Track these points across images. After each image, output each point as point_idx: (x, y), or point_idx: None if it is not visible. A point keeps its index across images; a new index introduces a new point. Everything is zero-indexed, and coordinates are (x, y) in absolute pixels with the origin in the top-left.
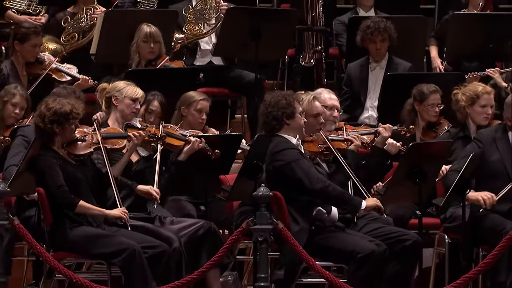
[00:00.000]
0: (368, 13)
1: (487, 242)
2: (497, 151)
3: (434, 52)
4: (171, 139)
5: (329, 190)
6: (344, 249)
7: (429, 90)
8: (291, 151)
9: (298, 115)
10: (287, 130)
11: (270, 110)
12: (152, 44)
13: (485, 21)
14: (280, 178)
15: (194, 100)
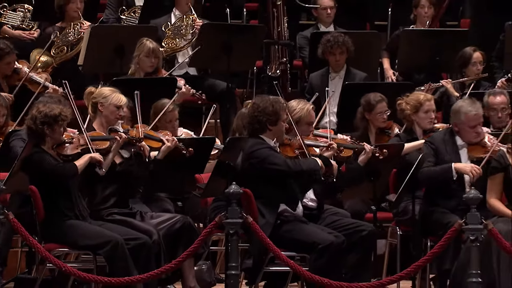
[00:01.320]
0: (328, 28)
1: (434, 234)
2: (446, 152)
3: (386, 64)
4: (149, 141)
5: (304, 168)
6: (306, 241)
7: (375, 100)
8: (264, 149)
9: (281, 122)
10: (268, 134)
11: (256, 114)
12: (153, 59)
13: (432, 36)
14: (256, 174)
15: (167, 111)
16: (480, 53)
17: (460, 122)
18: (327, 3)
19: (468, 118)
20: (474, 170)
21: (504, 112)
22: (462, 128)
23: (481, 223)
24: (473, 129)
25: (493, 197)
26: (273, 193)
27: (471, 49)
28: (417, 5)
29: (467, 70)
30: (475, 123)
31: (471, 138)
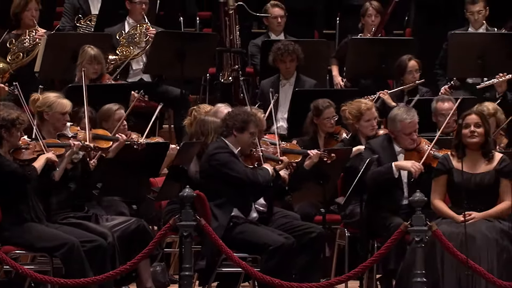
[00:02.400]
0: (278, 37)
1: (380, 235)
2: (385, 159)
3: (335, 71)
4: (100, 142)
5: (261, 179)
6: (257, 242)
7: (323, 106)
8: (225, 154)
9: (248, 133)
10: (232, 140)
11: (227, 118)
12: (95, 65)
13: (379, 44)
14: (214, 176)
15: (112, 112)
16: (416, 61)
17: (396, 130)
18: (277, 12)
19: (403, 126)
20: (414, 166)
21: (452, 118)
22: (398, 135)
23: (425, 225)
24: (408, 136)
25: (437, 199)
26: (227, 198)
27: (407, 58)
28: (364, 14)
29: (404, 78)
30: (410, 130)
31: (407, 145)
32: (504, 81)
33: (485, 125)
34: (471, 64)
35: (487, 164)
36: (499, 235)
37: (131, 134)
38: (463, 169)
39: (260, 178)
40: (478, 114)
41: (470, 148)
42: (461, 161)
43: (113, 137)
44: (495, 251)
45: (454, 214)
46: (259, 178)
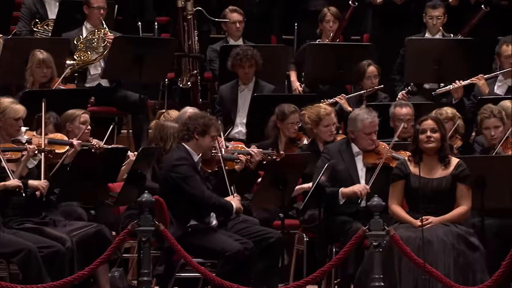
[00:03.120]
0: (237, 42)
1: (338, 240)
2: (342, 161)
3: (293, 76)
4: (56, 146)
5: (216, 203)
6: (215, 248)
7: (289, 111)
8: (187, 167)
9: (209, 137)
10: (194, 145)
11: (187, 122)
12: (44, 69)
13: (337, 50)
14: (173, 186)
15: (77, 115)
16: (375, 67)
17: (356, 129)
18: (236, 17)
19: (364, 125)
20: (360, 189)
21: (410, 123)
22: (358, 135)
23: (383, 229)
24: (368, 136)
25: (394, 204)
26: (185, 209)
27: (366, 64)
28: (322, 19)
29: (362, 83)
30: (370, 130)
31: (366, 145)
32: (460, 87)
33: (441, 130)
34: (427, 70)
35: (444, 169)
36: (456, 240)
37: (92, 140)
38: (420, 174)
39: (217, 202)
40: (434, 119)
41: (427, 153)
42: (418, 166)
43: (68, 141)
44: (451, 256)
45: (411, 219)
46: (216, 202)
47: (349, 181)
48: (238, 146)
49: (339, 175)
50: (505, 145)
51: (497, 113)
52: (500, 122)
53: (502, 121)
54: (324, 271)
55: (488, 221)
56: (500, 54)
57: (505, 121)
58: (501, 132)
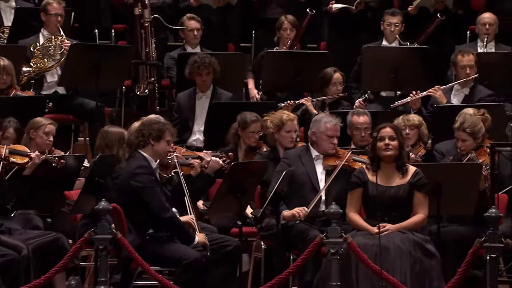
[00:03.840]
0: (194, 49)
1: (295, 248)
2: (302, 165)
3: (251, 84)
4: (15, 156)
5: (173, 221)
6: (173, 256)
7: (251, 119)
8: (148, 176)
9: (164, 141)
10: (150, 151)
11: (141, 128)
12: (4, 76)
13: (294, 58)
14: (132, 194)
15: (42, 124)
16: (340, 73)
17: (319, 131)
18: (193, 25)
19: (327, 127)
20: (297, 212)
21: (367, 132)
22: (320, 137)
23: (341, 237)
24: (330, 139)
25: (352, 212)
26: (143, 218)
27: (331, 70)
28: (280, 27)
29: (327, 89)
30: (333, 134)
31: (327, 149)
32: (418, 99)
33: (399, 138)
34: (384, 78)
35: (401, 177)
36: (413, 247)
37: (54, 151)
38: (377, 182)
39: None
40: (392, 127)
41: (385, 161)
42: (376, 174)
43: (28, 153)
44: (408, 263)
45: (368, 226)
46: (167, 215)
47: (309, 185)
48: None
49: (299, 178)
50: (479, 152)
51: (467, 127)
52: (469, 137)
53: (472, 136)
54: (282, 279)
55: (445, 228)
56: (456, 63)
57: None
58: (470, 146)
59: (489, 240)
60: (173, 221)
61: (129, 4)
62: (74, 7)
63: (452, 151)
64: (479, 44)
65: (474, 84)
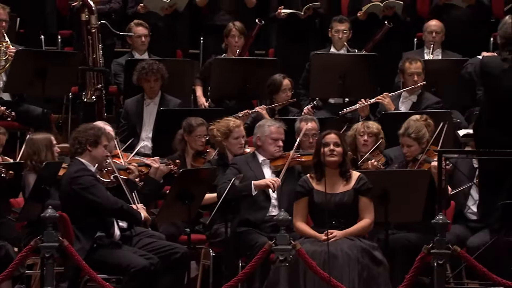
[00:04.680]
0: (142, 56)
1: (244, 255)
2: (250, 170)
3: (199, 91)
4: None
5: (124, 209)
6: (120, 264)
7: (196, 123)
8: (88, 177)
9: (101, 147)
10: (88, 157)
11: (77, 135)
12: None
13: (242, 65)
14: (76, 199)
15: None
16: (289, 80)
17: (263, 135)
18: (141, 31)
19: (271, 131)
20: (271, 181)
21: (315, 138)
22: (265, 141)
23: (289, 244)
24: (275, 142)
25: (299, 221)
26: (90, 221)
27: (280, 77)
28: (228, 34)
29: (277, 96)
30: (277, 136)
31: (273, 152)
32: (366, 106)
33: (343, 145)
34: (332, 85)
35: (346, 184)
36: (360, 254)
37: (2, 158)
38: (322, 189)
39: (124, 206)
40: (337, 133)
41: (329, 167)
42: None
43: None
44: (356, 269)
45: (316, 234)
46: (120, 204)
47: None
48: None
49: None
50: (428, 154)
51: (411, 132)
52: (414, 142)
53: (417, 141)
54: (230, 286)
55: (393, 235)
56: (404, 70)
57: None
58: (415, 151)
59: (437, 247)
60: (124, 209)
61: (76, 10)
62: (19, 12)
63: (401, 157)
64: (426, 51)
65: (421, 91)
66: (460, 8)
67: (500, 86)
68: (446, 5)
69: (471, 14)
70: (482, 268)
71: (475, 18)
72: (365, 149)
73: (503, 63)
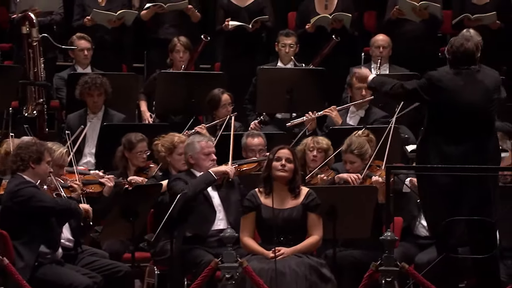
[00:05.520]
0: (85, 70)
1: (190, 273)
2: None
3: (143, 106)
4: None
5: (71, 206)
6: (63, 283)
7: (136, 139)
8: (29, 188)
9: (44, 163)
10: (30, 174)
11: (19, 152)
12: None
13: (188, 79)
14: (19, 212)
15: None
16: (228, 94)
17: (195, 152)
18: (84, 44)
19: (202, 146)
20: (229, 170)
21: (262, 153)
22: (198, 158)
23: (236, 261)
24: (208, 156)
25: (246, 236)
26: (34, 234)
27: (219, 92)
28: (172, 49)
29: (217, 112)
30: (209, 150)
31: (208, 167)
32: (314, 119)
33: (295, 162)
34: (279, 99)
35: (294, 199)
36: (308, 271)
37: None
38: (270, 205)
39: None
40: (290, 150)
41: (279, 182)
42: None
43: None
44: (304, 287)
45: (263, 250)
46: (69, 205)
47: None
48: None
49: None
50: (371, 170)
51: (354, 148)
52: (357, 158)
53: (360, 158)
54: None
55: (341, 252)
56: (352, 85)
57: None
58: (358, 167)
59: (385, 264)
60: (71, 208)
61: (16, 22)
62: None
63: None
64: (373, 66)
65: (369, 106)
66: (413, 23)
67: (459, 100)
68: (399, 19)
69: (424, 28)
70: (430, 285)
71: (428, 33)
72: (314, 165)
73: (457, 77)
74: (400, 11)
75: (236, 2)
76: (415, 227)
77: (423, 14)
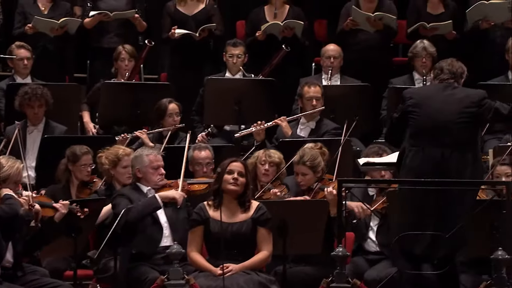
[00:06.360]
0: (25, 80)
1: None
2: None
3: (86, 117)
4: None
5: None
6: None
7: (81, 152)
8: None
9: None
10: None
11: None
12: None
13: (133, 89)
14: None
15: None
16: (176, 104)
17: (143, 166)
18: (23, 54)
19: (150, 159)
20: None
21: (209, 167)
22: (146, 171)
23: (183, 278)
24: (156, 170)
25: (193, 251)
26: None
27: (166, 101)
28: (117, 58)
29: (164, 121)
30: (157, 164)
31: (157, 181)
32: (263, 130)
33: (247, 176)
34: (227, 111)
35: (244, 213)
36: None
37: None
38: (220, 219)
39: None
40: (243, 163)
41: (229, 195)
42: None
43: None
44: None
45: (211, 267)
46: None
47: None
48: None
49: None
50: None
51: (306, 160)
52: (309, 170)
53: (312, 170)
54: None
55: (292, 268)
56: (302, 95)
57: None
58: (310, 180)
59: (336, 280)
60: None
61: None
62: None
63: (295, 186)
64: (324, 77)
65: (320, 117)
66: (367, 32)
67: (441, 111)
68: (353, 30)
69: (379, 38)
70: None
71: (382, 43)
72: (266, 179)
73: (438, 90)
74: (354, 22)
75: (183, 10)
76: (365, 243)
77: (377, 25)
